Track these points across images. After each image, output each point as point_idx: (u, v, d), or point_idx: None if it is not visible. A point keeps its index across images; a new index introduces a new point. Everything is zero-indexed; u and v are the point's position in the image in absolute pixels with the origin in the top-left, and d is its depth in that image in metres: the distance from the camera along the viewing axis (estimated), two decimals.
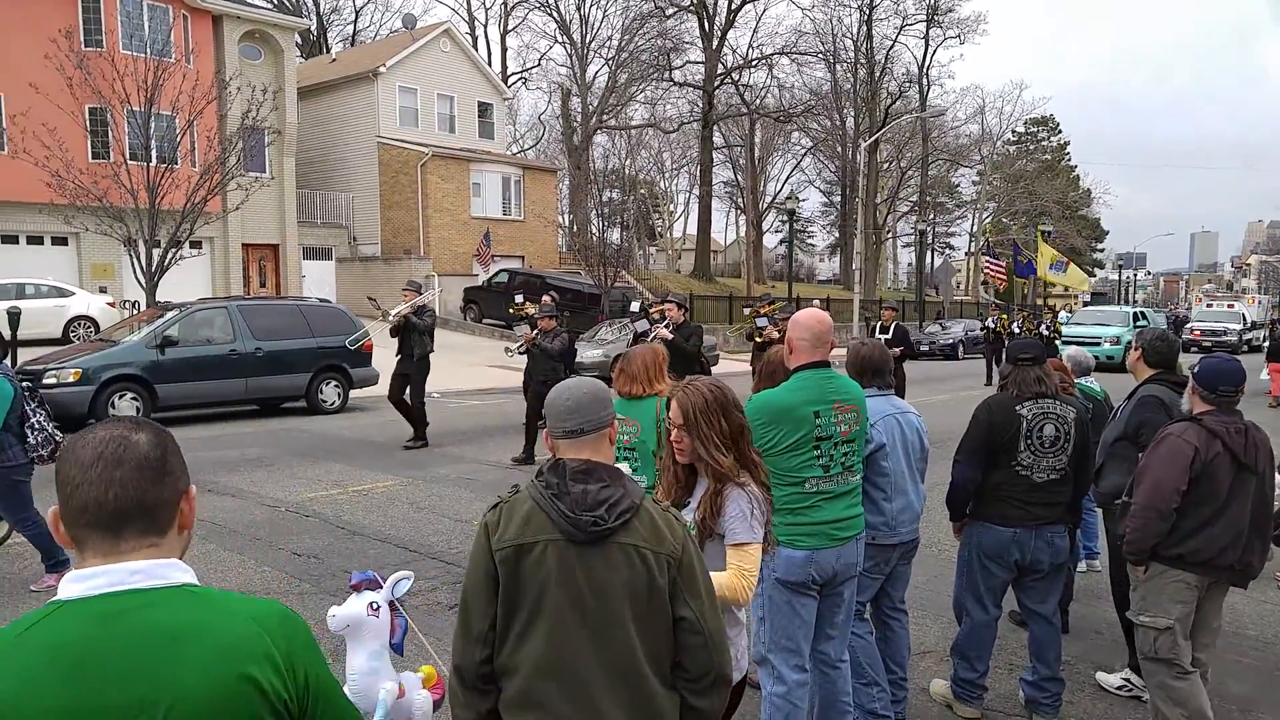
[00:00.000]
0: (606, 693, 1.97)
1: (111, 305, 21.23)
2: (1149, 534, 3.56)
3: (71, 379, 12.04)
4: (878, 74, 49.60)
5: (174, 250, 17.41)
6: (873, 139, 40.70)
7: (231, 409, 13.68)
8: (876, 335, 12.39)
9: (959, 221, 67.43)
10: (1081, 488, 4.18)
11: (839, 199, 58.90)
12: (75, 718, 1.24)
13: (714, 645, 2.03)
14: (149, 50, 18.56)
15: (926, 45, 52.22)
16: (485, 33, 49.36)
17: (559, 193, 39.97)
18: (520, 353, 10.82)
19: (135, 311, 19.20)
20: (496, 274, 28.93)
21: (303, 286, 28.07)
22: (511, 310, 13.29)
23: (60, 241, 23.66)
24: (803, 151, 57.83)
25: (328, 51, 43.45)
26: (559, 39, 45.28)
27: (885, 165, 54.07)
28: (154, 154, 17.48)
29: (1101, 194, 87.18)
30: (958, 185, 65.40)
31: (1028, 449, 3.95)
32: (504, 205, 33.51)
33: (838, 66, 49.10)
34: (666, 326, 9.14)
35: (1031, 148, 69.11)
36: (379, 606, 2.36)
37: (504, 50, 48.34)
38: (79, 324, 19.90)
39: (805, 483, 3.35)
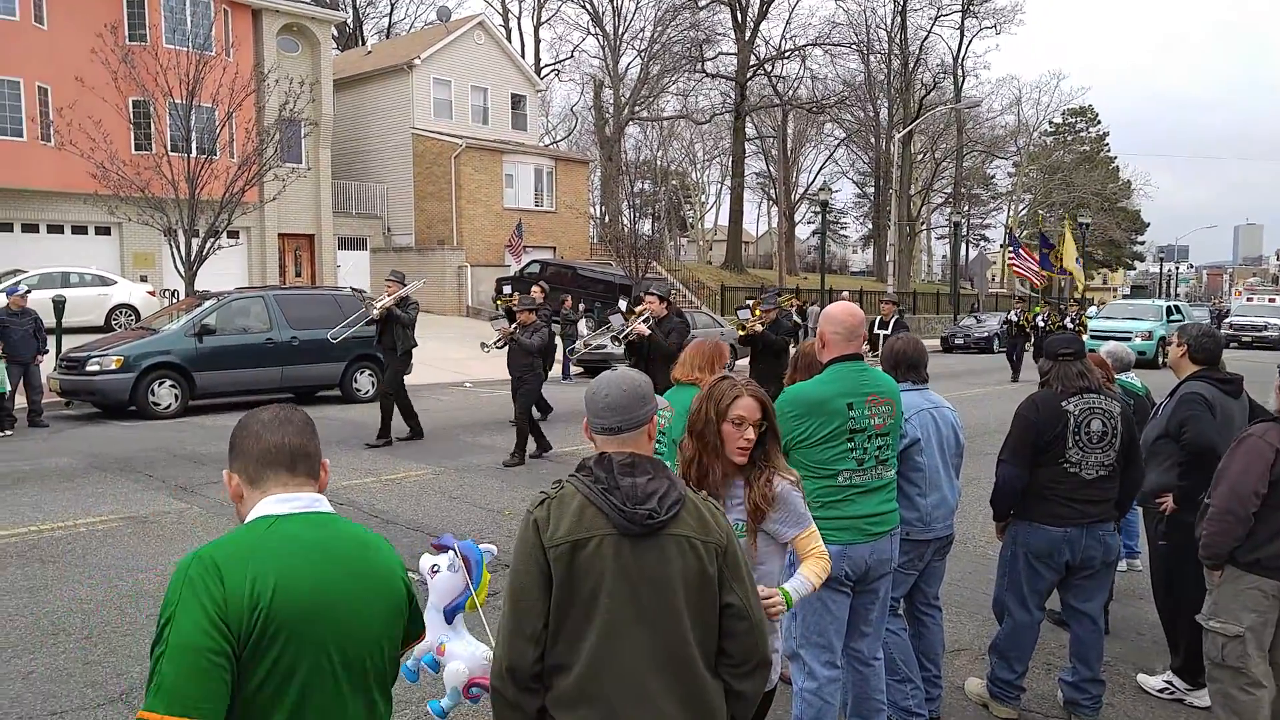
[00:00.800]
0: (660, 684, 1.98)
1: (151, 294, 21.59)
2: (1226, 538, 3.43)
3: (114, 366, 12.28)
4: (912, 65, 48.95)
5: (212, 240, 17.64)
6: (906, 130, 40.25)
7: (267, 397, 13.85)
8: (875, 330, 11.97)
9: (994, 213, 66.51)
10: (1133, 483, 4.08)
11: (872, 190, 58.31)
12: (328, 591, 1.66)
13: (759, 630, 2.07)
14: (191, 44, 18.76)
15: (961, 35, 51.43)
16: (518, 25, 49.45)
17: (590, 184, 39.99)
18: (498, 347, 10.45)
19: (174, 300, 19.50)
20: (528, 265, 29.00)
21: (338, 276, 28.32)
22: (499, 303, 12.97)
23: (103, 231, 24.08)
24: (836, 143, 57.33)
25: (363, 44, 43.76)
26: (591, 31, 45.28)
27: (919, 156, 53.45)
28: (194, 145, 17.71)
29: (1142, 185, 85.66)
30: (993, 177, 64.45)
31: (1075, 445, 3.86)
32: (536, 196, 33.59)
33: (871, 57, 48.54)
34: (645, 320, 8.45)
35: (1069, 139, 67.82)
36: (438, 570, 2.41)
37: (537, 42, 48.41)
38: (120, 312, 20.27)
39: (838, 475, 3.32)
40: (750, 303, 11.67)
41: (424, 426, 11.11)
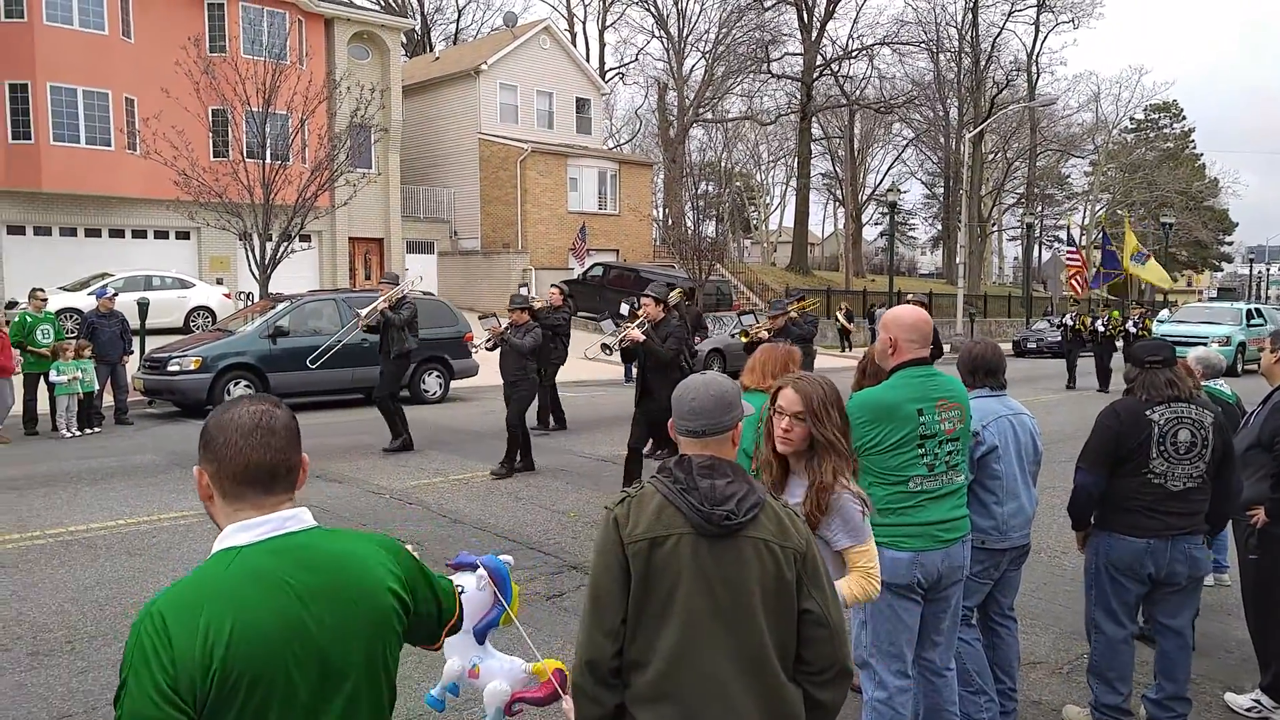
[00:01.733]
0: (738, 685, 1.99)
1: (227, 296, 22.31)
2: None
3: (193, 367, 12.71)
4: (983, 62, 47.91)
5: (286, 244, 18.13)
6: (977, 130, 39.37)
7: (338, 398, 14.17)
8: None
9: (1069, 214, 64.64)
10: (1228, 496, 3.90)
11: (942, 191, 57.24)
12: (291, 626, 1.55)
13: (838, 638, 2.06)
14: (267, 54, 19.34)
15: (1036, 31, 50.18)
16: (583, 29, 49.85)
17: (654, 186, 40.04)
18: (487, 348, 9.93)
19: (250, 303, 20.10)
20: (591, 268, 29.17)
21: (404, 280, 28.89)
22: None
23: (182, 236, 24.96)
24: (904, 143, 56.47)
25: (431, 50, 44.54)
26: (656, 34, 45.43)
27: (990, 156, 52.30)
28: (269, 152, 18.24)
29: (1230, 183, 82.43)
30: (1068, 176, 62.67)
31: (1161, 456, 3.71)
32: (600, 199, 33.78)
33: (941, 56, 47.64)
34: (641, 326, 7.84)
35: (1151, 135, 65.54)
36: (464, 590, 2.38)
37: (602, 46, 48.70)
38: (198, 314, 21.02)
39: (909, 482, 3.27)
40: (792, 305, 11.32)
41: (493, 426, 11.21)
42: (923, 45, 46.70)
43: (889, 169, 59.05)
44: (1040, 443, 3.85)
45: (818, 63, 43.30)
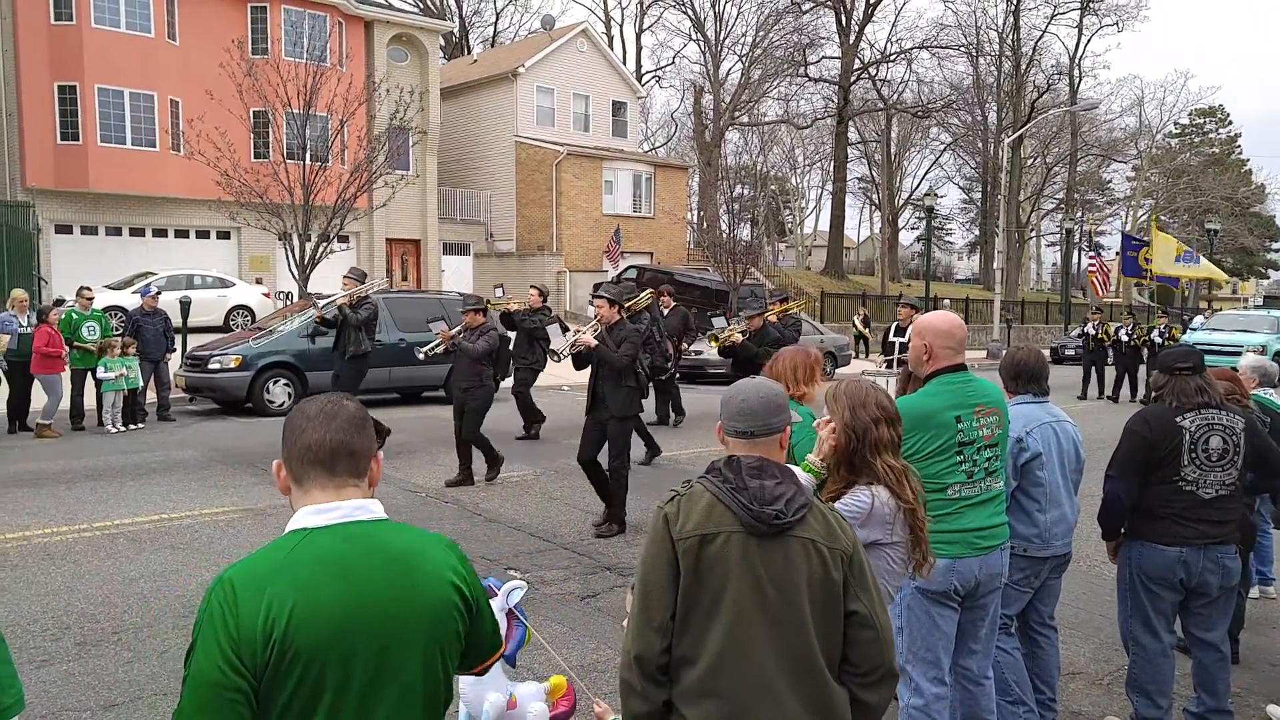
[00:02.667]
0: (784, 683, 2.01)
1: (267, 296, 22.64)
2: None
3: (233, 365, 12.92)
4: (1024, 66, 47.27)
5: (325, 244, 18.38)
6: (1017, 134, 38.93)
7: (375, 397, 14.32)
8: (892, 338, 10.87)
9: (1110, 219, 63.61)
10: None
11: (979, 196, 56.59)
12: (351, 611, 1.59)
13: (884, 640, 2.08)
14: (308, 56, 19.64)
15: (1079, 34, 49.44)
16: (620, 32, 50.11)
17: (689, 189, 40.02)
18: (434, 353, 9.17)
19: (289, 302, 20.39)
20: (625, 270, 29.20)
21: (442, 281, 29.13)
22: (490, 305, 12.16)
23: (223, 235, 25.39)
24: (941, 147, 55.92)
25: (469, 53, 44.88)
26: (693, 37, 45.43)
27: (1030, 161, 51.58)
28: (309, 153, 18.49)
29: (1278, 189, 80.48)
30: (1109, 181, 61.68)
31: (1192, 463, 3.67)
32: (634, 202, 33.84)
33: (981, 59, 47.15)
34: (594, 329, 7.35)
35: (1196, 140, 64.21)
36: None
37: (639, 49, 48.77)
38: (238, 313, 21.35)
39: (947, 489, 3.26)
40: (774, 306, 10.76)
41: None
42: (962, 49, 46.25)
43: (926, 173, 58.57)
44: (1083, 450, 3.81)
45: (855, 66, 43.02)
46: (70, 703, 4.10)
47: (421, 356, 9.51)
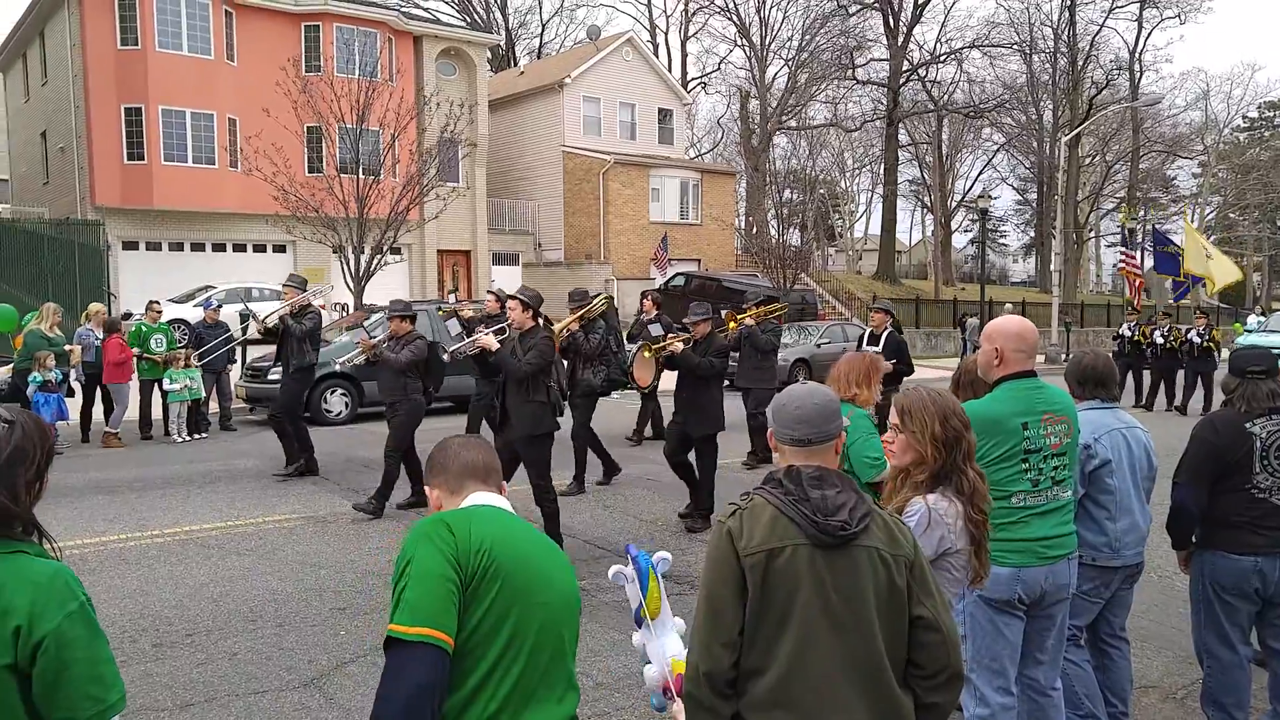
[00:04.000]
0: (853, 692, 2.02)
1: (322, 308, 23.04)
2: None
3: None
4: (1081, 62, 46.25)
5: (378, 257, 18.69)
6: (1074, 132, 38.10)
7: (429, 406, 14.46)
8: (864, 346, 9.63)
9: (1174, 218, 61.90)
10: None
11: (1035, 197, 55.53)
12: (527, 554, 1.97)
13: (950, 642, 2.10)
14: (360, 72, 20.03)
15: (1139, 28, 48.16)
16: (665, 40, 50.09)
17: (736, 195, 39.93)
18: (354, 365, 8.55)
19: (344, 314, 20.76)
20: (673, 277, 29.23)
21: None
22: (441, 313, 11.50)
23: (279, 249, 25.98)
24: (995, 148, 54.98)
25: (515, 65, 45.39)
26: (738, 42, 45.32)
27: (1088, 159, 50.49)
28: (361, 167, 18.85)
29: None
30: (1174, 179, 60.02)
31: (1264, 470, 3.56)
32: (681, 209, 33.87)
33: (1035, 57, 46.28)
34: (497, 331, 6.90)
35: (1266, 134, 62.14)
36: (627, 580, 2.47)
37: (684, 56, 48.87)
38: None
39: (1011, 498, 3.22)
40: (750, 308, 10.17)
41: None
42: (1015, 47, 45.48)
43: (979, 174, 57.62)
44: (1154, 457, 3.72)
45: (904, 68, 42.59)
46: (149, 702, 4.23)
47: (339, 369, 8.80)
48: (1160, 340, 16.16)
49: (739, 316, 9.96)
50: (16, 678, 1.62)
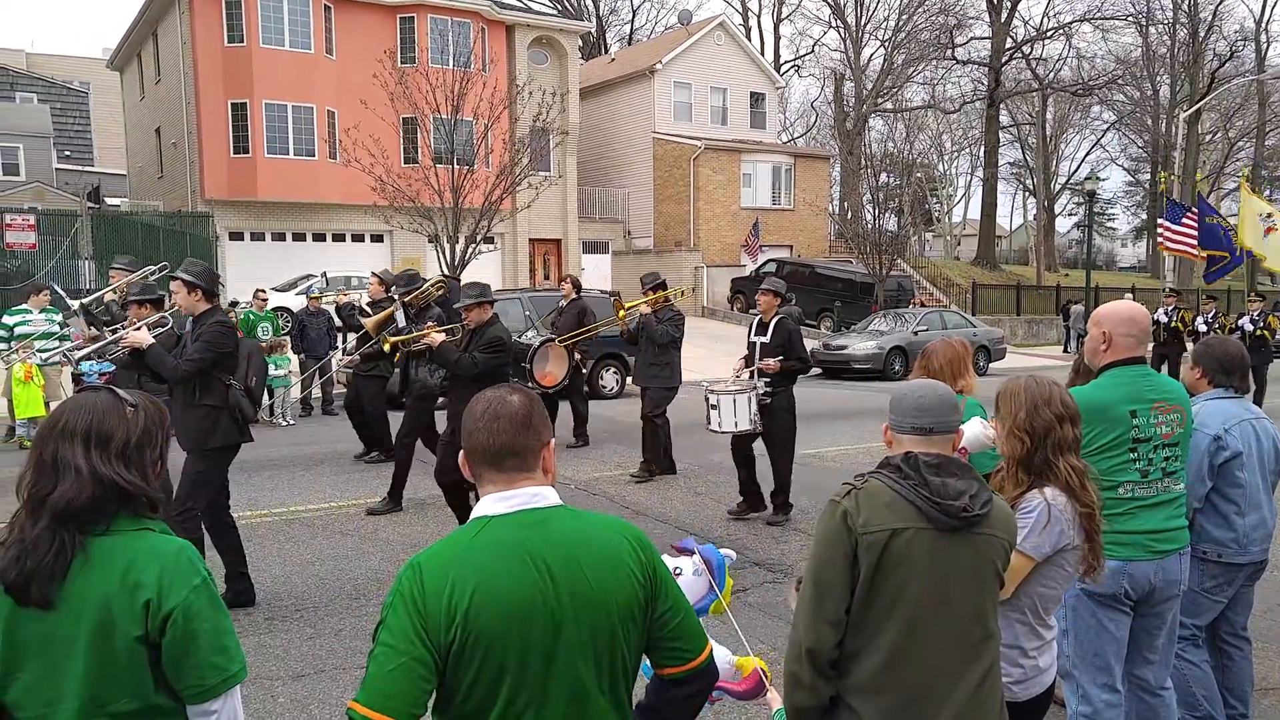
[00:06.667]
0: (957, 674, 2.04)
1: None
2: None
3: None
4: (1202, 34, 43.71)
5: (473, 246, 19.05)
6: (1194, 108, 36.10)
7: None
8: (753, 337, 7.75)
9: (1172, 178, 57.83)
10: None
11: (1147, 177, 52.87)
12: (529, 596, 1.67)
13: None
14: (454, 63, 20.37)
15: None
16: (758, 23, 49.48)
17: (830, 180, 39.25)
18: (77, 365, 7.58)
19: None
20: (764, 264, 28.95)
21: (582, 279, 29.68)
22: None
23: (376, 239, 26.74)
24: (1104, 126, 52.52)
25: (606, 52, 45.53)
26: (833, 24, 44.44)
27: (1208, 136, 47.77)
28: (456, 157, 19.21)
29: None
30: None
31: None
32: (774, 194, 33.47)
33: (1151, 29, 43.92)
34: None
35: None
36: (681, 572, 2.46)
37: (776, 39, 48.23)
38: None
39: (1119, 488, 3.09)
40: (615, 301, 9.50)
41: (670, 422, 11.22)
42: (1130, 19, 43.26)
43: (1086, 155, 55.23)
44: None
45: (1007, 45, 41.04)
46: (265, 671, 4.44)
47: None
48: (1203, 327, 14.81)
49: (629, 304, 9.00)
50: (147, 648, 1.71)
